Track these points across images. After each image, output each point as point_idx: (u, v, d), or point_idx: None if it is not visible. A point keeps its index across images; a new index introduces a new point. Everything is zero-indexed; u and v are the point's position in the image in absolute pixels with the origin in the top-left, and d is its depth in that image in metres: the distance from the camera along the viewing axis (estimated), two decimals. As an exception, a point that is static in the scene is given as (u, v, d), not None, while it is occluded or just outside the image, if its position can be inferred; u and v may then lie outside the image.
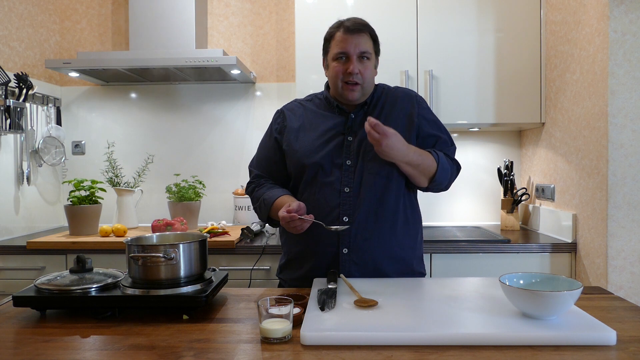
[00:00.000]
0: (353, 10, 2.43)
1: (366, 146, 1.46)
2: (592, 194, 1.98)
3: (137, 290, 1.18)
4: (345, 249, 1.46)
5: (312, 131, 1.53)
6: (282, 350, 0.95)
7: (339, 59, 1.47)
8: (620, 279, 1.86)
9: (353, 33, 1.46)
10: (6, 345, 1.01)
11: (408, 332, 0.98)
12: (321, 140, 1.50)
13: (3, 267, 2.25)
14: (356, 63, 1.46)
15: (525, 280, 1.13)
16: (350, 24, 1.47)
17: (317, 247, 1.48)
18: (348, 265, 1.46)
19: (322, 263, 1.48)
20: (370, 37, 1.49)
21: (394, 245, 1.49)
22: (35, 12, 2.65)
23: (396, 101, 1.56)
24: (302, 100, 1.64)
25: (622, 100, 1.84)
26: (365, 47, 1.46)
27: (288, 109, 1.62)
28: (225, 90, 2.85)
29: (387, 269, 1.48)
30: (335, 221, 1.45)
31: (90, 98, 2.89)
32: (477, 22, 2.42)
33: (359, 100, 1.52)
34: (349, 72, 1.45)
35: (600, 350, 0.93)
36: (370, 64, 1.49)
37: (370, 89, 1.54)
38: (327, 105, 1.58)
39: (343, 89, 1.48)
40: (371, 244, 1.46)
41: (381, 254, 1.47)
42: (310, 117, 1.57)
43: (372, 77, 1.52)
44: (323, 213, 1.45)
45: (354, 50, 1.45)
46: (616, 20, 1.84)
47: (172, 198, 2.56)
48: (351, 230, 1.45)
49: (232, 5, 2.84)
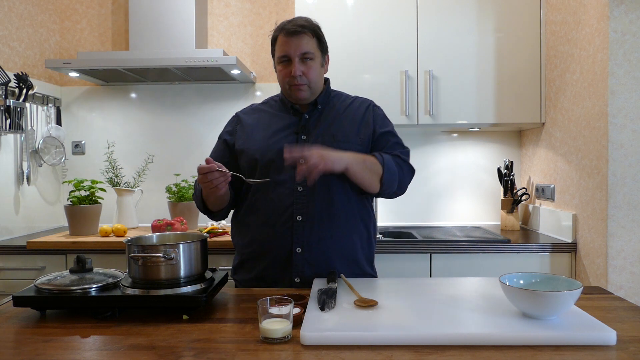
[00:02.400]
0: (353, 10, 2.43)
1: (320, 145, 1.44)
2: (592, 194, 1.98)
3: (137, 290, 1.18)
4: (299, 248, 1.45)
5: (266, 130, 1.54)
6: (282, 350, 0.95)
7: (283, 62, 1.49)
8: (620, 279, 1.86)
9: (293, 35, 1.46)
10: (6, 345, 1.01)
11: (408, 332, 0.98)
12: (274, 139, 1.51)
13: (3, 267, 2.25)
14: (298, 65, 1.47)
15: (525, 280, 1.13)
16: (290, 26, 1.47)
17: (269, 247, 1.48)
18: (301, 265, 1.46)
19: (276, 263, 1.48)
20: (312, 37, 1.49)
21: (347, 245, 1.49)
22: (35, 12, 2.65)
23: (351, 106, 1.58)
24: (257, 104, 1.67)
25: (622, 100, 1.84)
26: (306, 48, 1.47)
27: (243, 113, 1.64)
28: (225, 90, 2.85)
29: (340, 269, 1.47)
30: (289, 220, 1.45)
31: (90, 98, 2.89)
32: (477, 22, 2.43)
33: (309, 99, 1.53)
34: (292, 75, 1.47)
35: (600, 350, 0.93)
36: (314, 64, 1.50)
37: (318, 88, 1.54)
38: (281, 107, 1.60)
39: (290, 90, 1.51)
40: (325, 244, 1.46)
41: (334, 254, 1.47)
42: (264, 118, 1.59)
43: (318, 76, 1.52)
44: (277, 211, 1.46)
45: (294, 53, 1.46)
46: (616, 20, 1.84)
47: (172, 198, 2.56)
48: (305, 229, 1.45)
49: (232, 5, 2.84)
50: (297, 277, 1.46)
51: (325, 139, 1.49)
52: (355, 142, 1.51)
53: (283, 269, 1.47)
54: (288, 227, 1.46)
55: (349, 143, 1.49)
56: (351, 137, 1.51)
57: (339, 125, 1.53)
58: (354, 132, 1.52)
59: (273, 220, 1.47)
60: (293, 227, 1.45)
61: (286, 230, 1.46)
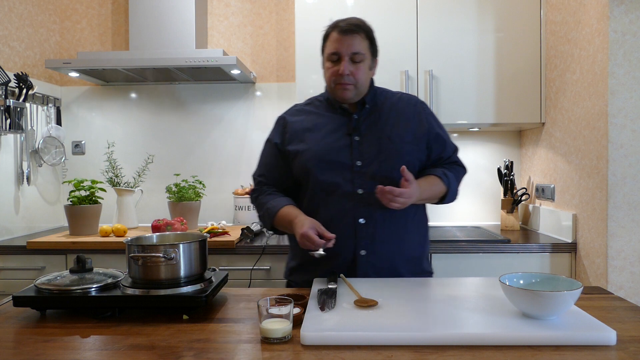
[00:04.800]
0: (353, 10, 2.43)
1: (377, 147, 1.47)
2: (592, 194, 1.98)
3: (137, 290, 1.18)
4: (363, 250, 1.45)
5: (317, 132, 1.52)
6: (282, 350, 0.95)
7: (332, 59, 1.48)
8: (620, 279, 1.86)
9: (346, 34, 1.45)
10: (6, 345, 1.01)
11: (408, 332, 0.98)
12: (328, 140, 1.50)
13: (3, 267, 2.25)
14: (347, 64, 1.45)
15: (525, 280, 1.13)
16: (344, 25, 1.47)
17: (333, 251, 1.45)
18: (365, 267, 1.45)
19: (340, 265, 1.46)
20: (365, 38, 1.48)
21: (408, 245, 1.50)
22: (35, 12, 2.65)
23: (399, 103, 1.57)
24: (301, 105, 1.64)
25: (622, 100, 1.84)
26: (357, 48, 1.46)
27: (288, 114, 1.61)
28: (225, 90, 2.85)
29: (402, 269, 1.48)
30: (351, 223, 1.44)
31: (90, 98, 2.89)
32: (477, 22, 2.42)
33: (353, 99, 1.52)
34: (340, 74, 1.45)
35: (600, 350, 0.93)
36: (363, 66, 1.48)
37: (364, 90, 1.53)
38: (328, 107, 1.57)
39: (336, 89, 1.49)
40: (388, 246, 1.46)
41: (397, 255, 1.47)
42: (313, 119, 1.56)
43: (365, 78, 1.51)
44: (339, 215, 1.45)
45: (346, 51, 1.45)
46: (616, 20, 1.84)
47: (172, 198, 2.56)
48: (369, 231, 1.45)
49: (232, 5, 2.84)
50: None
51: (382, 141, 1.48)
52: (411, 141, 1.50)
53: (347, 272, 1.44)
54: (351, 230, 1.45)
55: (403, 143, 1.49)
56: (405, 137, 1.50)
57: (392, 126, 1.52)
58: (408, 131, 1.51)
59: (335, 224, 1.44)
60: (356, 230, 1.44)
61: (350, 233, 1.44)
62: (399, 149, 1.47)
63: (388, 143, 1.48)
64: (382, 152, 1.46)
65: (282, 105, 2.81)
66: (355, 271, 1.45)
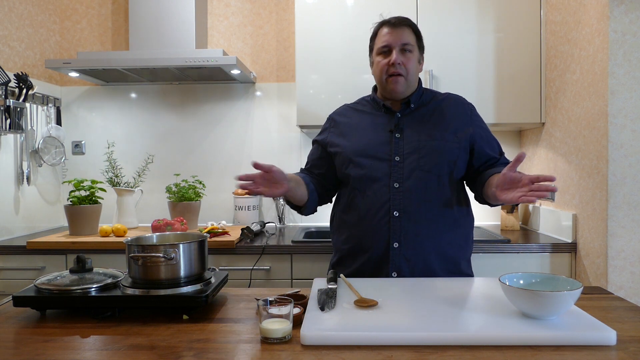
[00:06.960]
0: (353, 10, 2.43)
1: (416, 144, 1.50)
2: (592, 194, 1.98)
3: (137, 290, 1.18)
4: (396, 243, 1.47)
5: (359, 129, 1.58)
6: (282, 350, 0.95)
7: (383, 52, 1.54)
8: (620, 279, 1.86)
9: (396, 27, 1.53)
10: (6, 345, 1.01)
11: (408, 332, 0.98)
12: (368, 137, 1.55)
13: (3, 267, 2.25)
14: (398, 55, 1.51)
15: (525, 280, 1.13)
16: (393, 19, 1.55)
17: (367, 243, 1.50)
18: (398, 260, 1.47)
19: (373, 258, 1.49)
20: (412, 32, 1.55)
21: (444, 243, 1.50)
22: (35, 12, 2.65)
23: (444, 103, 1.59)
24: (349, 104, 1.71)
25: (622, 100, 1.84)
26: (407, 39, 1.53)
27: (337, 114, 1.69)
28: (225, 90, 2.85)
29: (436, 267, 1.49)
30: (386, 216, 1.47)
31: (90, 98, 2.89)
32: (477, 22, 2.42)
33: (404, 93, 1.55)
34: (391, 64, 1.50)
35: (600, 350, 0.93)
36: (413, 57, 1.54)
37: (414, 83, 1.57)
38: (373, 106, 1.63)
39: (387, 81, 1.53)
40: (422, 240, 1.47)
41: (431, 251, 1.48)
42: (357, 117, 1.62)
43: (415, 70, 1.56)
44: (374, 208, 1.48)
45: (395, 42, 1.52)
46: (616, 20, 1.84)
47: (172, 198, 2.56)
48: (402, 224, 1.46)
49: (232, 5, 2.84)
50: (394, 272, 1.48)
51: (422, 137, 1.51)
52: (452, 140, 1.52)
53: (380, 265, 1.48)
54: (385, 223, 1.47)
55: (444, 141, 1.51)
56: (447, 135, 1.52)
57: (435, 124, 1.54)
58: (450, 130, 1.52)
59: (370, 216, 1.48)
60: (390, 222, 1.47)
61: (384, 226, 1.47)
62: (438, 146, 1.49)
63: (428, 140, 1.50)
64: (422, 148, 1.49)
65: (282, 105, 2.82)
66: (389, 264, 1.47)
